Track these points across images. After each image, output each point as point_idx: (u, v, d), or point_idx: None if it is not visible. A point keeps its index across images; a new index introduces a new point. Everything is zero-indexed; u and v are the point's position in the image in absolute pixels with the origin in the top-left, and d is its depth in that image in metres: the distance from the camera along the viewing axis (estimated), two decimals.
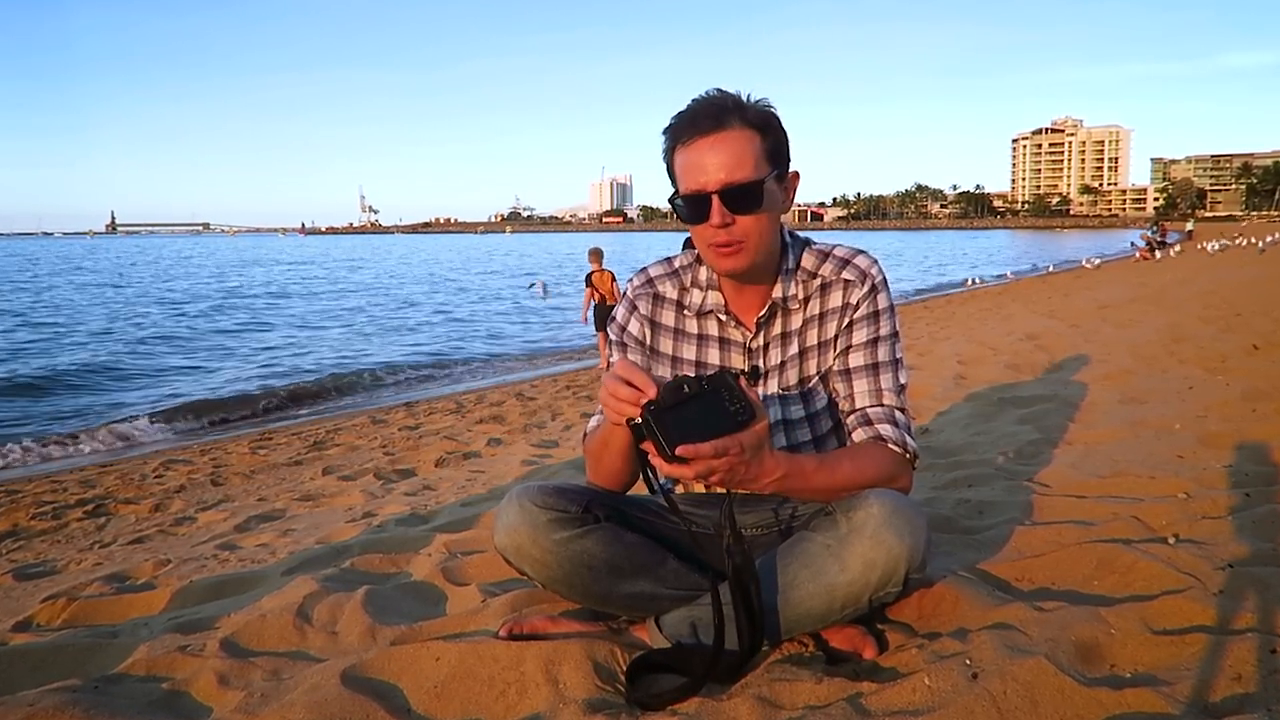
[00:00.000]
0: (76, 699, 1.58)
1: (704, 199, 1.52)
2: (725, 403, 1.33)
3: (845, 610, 1.52)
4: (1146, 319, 7.71)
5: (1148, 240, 28.30)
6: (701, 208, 1.53)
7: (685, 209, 1.56)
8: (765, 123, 1.54)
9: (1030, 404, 4.09)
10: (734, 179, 1.50)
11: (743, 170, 1.50)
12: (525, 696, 1.53)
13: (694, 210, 1.54)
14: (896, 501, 1.49)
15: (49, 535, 4.38)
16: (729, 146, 1.50)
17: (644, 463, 1.38)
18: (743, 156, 1.50)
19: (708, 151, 1.50)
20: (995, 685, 1.34)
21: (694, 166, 1.52)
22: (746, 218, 1.53)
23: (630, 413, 1.33)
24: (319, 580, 2.22)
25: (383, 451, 5.92)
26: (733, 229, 1.53)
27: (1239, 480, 2.43)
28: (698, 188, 1.52)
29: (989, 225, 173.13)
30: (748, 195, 1.51)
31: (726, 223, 1.52)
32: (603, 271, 10.40)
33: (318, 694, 1.55)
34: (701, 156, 1.51)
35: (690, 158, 1.52)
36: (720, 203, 1.51)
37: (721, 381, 1.34)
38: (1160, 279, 14.65)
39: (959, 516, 2.40)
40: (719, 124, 1.50)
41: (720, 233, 1.53)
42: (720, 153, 1.50)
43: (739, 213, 1.52)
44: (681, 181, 1.55)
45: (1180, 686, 1.32)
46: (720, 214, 1.51)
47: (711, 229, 1.54)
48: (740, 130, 1.51)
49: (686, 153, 1.53)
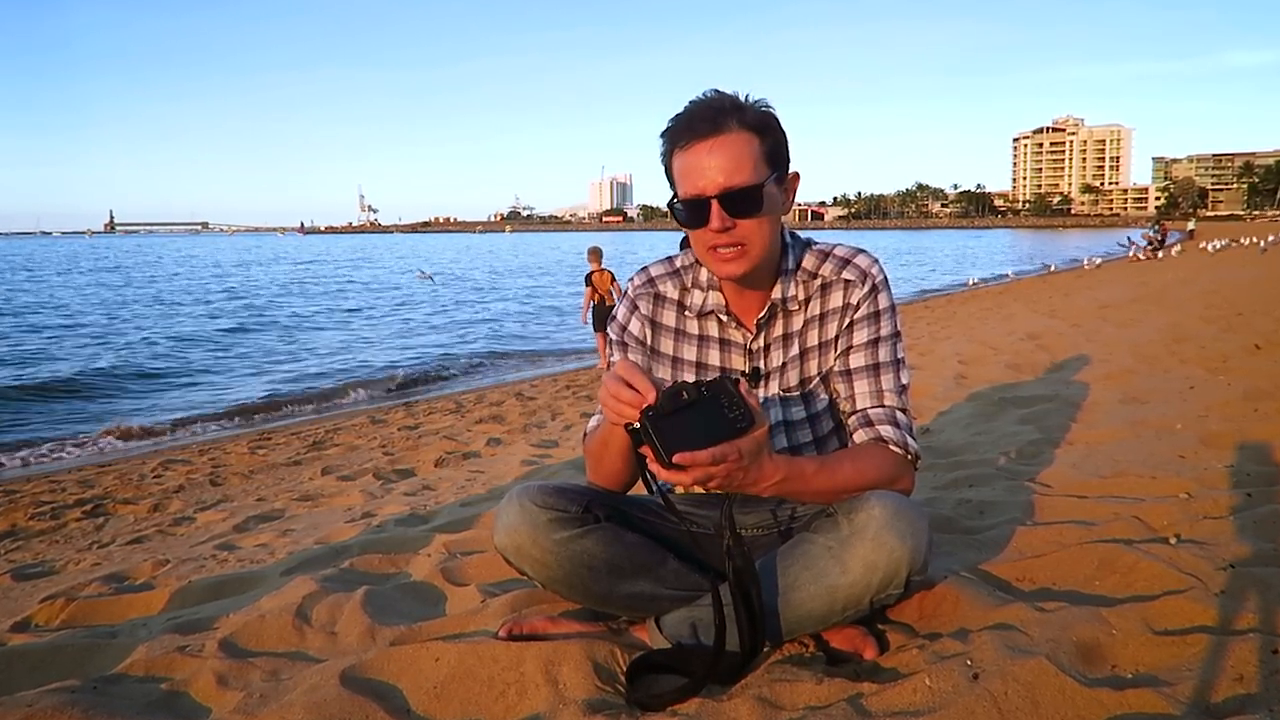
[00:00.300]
0: (75, 699, 1.58)
1: (703, 203, 1.51)
2: (724, 409, 1.33)
3: (846, 612, 1.53)
4: (1148, 319, 7.71)
5: (1149, 239, 28.27)
6: (701, 212, 1.52)
7: (684, 213, 1.55)
8: (764, 125, 1.53)
9: (1031, 404, 4.09)
10: (733, 183, 1.49)
11: (741, 174, 1.49)
12: (525, 697, 1.54)
13: (693, 215, 1.54)
14: (898, 503, 1.49)
15: (47, 535, 4.39)
16: (727, 150, 1.49)
17: (643, 465, 1.38)
18: (741, 160, 1.49)
19: (706, 155, 1.49)
20: (996, 686, 1.35)
21: (692, 171, 1.51)
22: (746, 221, 1.52)
23: (630, 415, 1.33)
24: (318, 580, 2.22)
25: (382, 451, 5.92)
26: (733, 232, 1.52)
27: (1241, 480, 2.43)
28: (696, 192, 1.51)
29: (990, 225, 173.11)
30: (747, 199, 1.51)
31: (726, 227, 1.51)
32: (602, 271, 10.33)
33: (317, 695, 1.55)
34: (700, 160, 1.50)
35: (689, 162, 1.51)
36: (719, 207, 1.50)
37: (721, 387, 1.34)
38: (1161, 278, 14.65)
39: (960, 517, 2.40)
40: (716, 127, 1.49)
41: (720, 236, 1.53)
42: (718, 156, 1.49)
43: (738, 217, 1.51)
44: (680, 185, 1.54)
45: (1182, 687, 1.32)
46: (720, 218, 1.51)
47: (711, 233, 1.53)
48: (738, 133, 1.50)
49: (685, 157, 1.52)
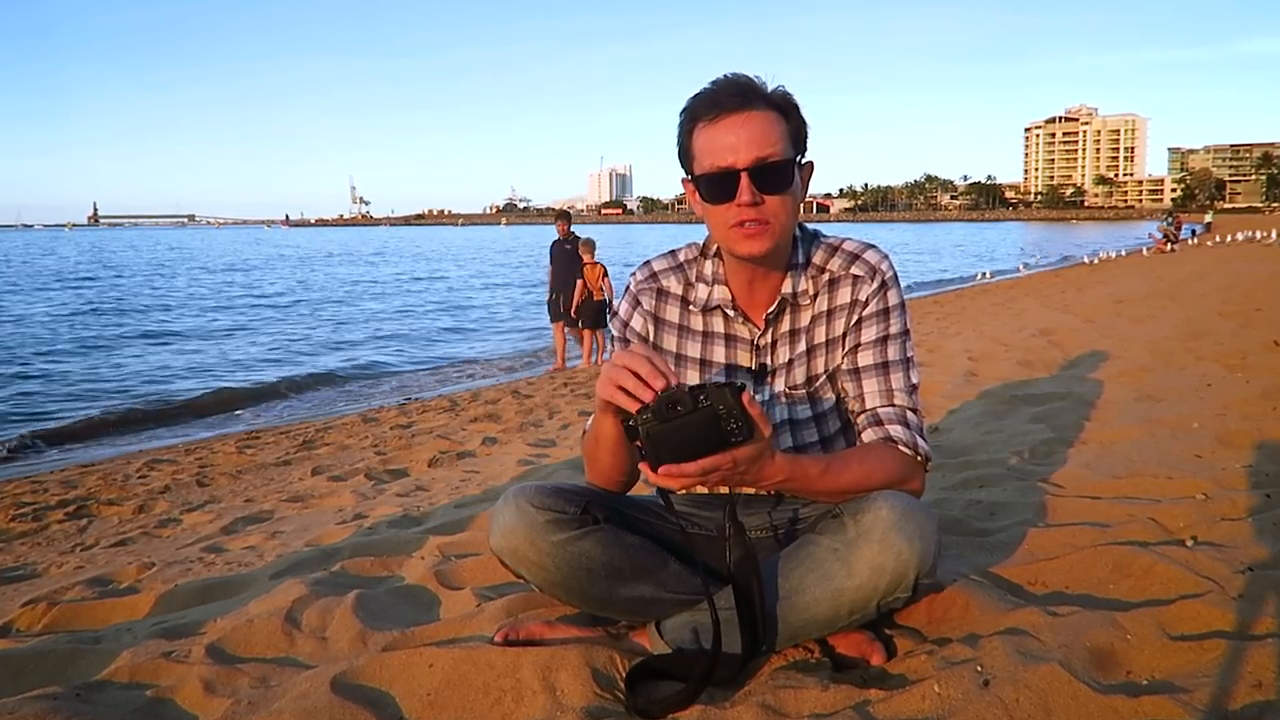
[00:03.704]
0: (58, 706, 1.58)
1: (732, 176, 1.50)
2: (721, 421, 1.32)
3: (853, 616, 1.53)
4: (1163, 314, 7.71)
5: (1165, 232, 28.28)
6: (728, 185, 1.51)
7: (708, 188, 1.54)
8: (788, 106, 1.55)
9: (1043, 402, 4.09)
10: (765, 155, 1.50)
11: (773, 148, 1.50)
12: (522, 704, 1.53)
13: (719, 188, 1.53)
14: (906, 504, 1.49)
15: (29, 537, 4.38)
16: (756, 125, 1.50)
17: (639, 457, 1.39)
18: (771, 135, 1.50)
19: (738, 128, 1.50)
20: (1007, 693, 1.34)
21: (720, 144, 1.51)
22: (775, 198, 1.52)
23: (626, 404, 1.34)
24: (308, 584, 2.22)
25: (374, 451, 5.91)
26: (761, 208, 1.52)
27: (1259, 480, 2.43)
28: (726, 165, 1.50)
29: (1000, 217, 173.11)
30: (779, 173, 1.51)
31: (756, 201, 1.51)
32: (594, 264, 10.05)
33: (307, 702, 1.55)
34: (730, 133, 1.50)
35: (717, 135, 1.51)
36: (749, 180, 1.50)
37: (720, 398, 1.31)
38: (1177, 273, 14.64)
39: (970, 518, 2.40)
40: (746, 102, 1.50)
41: (747, 211, 1.52)
42: (749, 130, 1.49)
43: (768, 192, 1.51)
44: (703, 160, 1.53)
45: (1199, 694, 1.32)
46: (750, 191, 1.50)
47: (737, 208, 1.52)
48: (766, 111, 1.51)
49: (711, 130, 1.51)
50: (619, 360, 1.36)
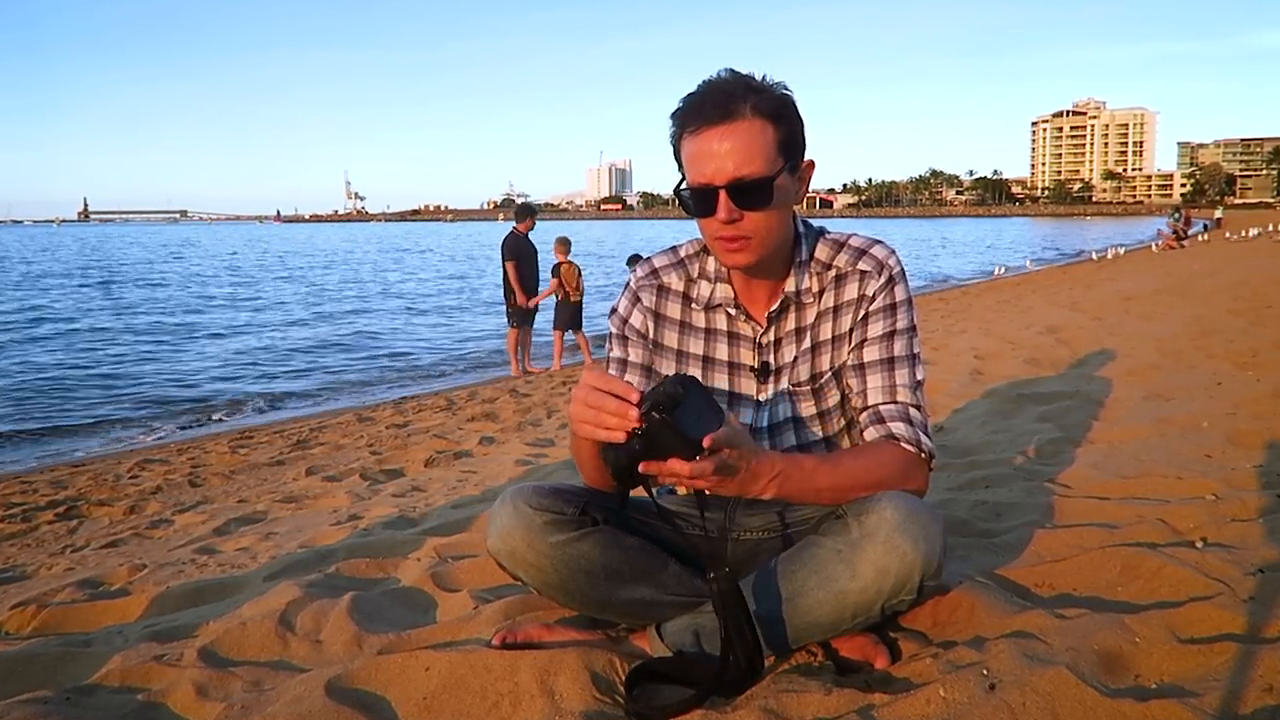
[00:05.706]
0: (48, 710, 1.58)
1: (711, 192, 1.51)
2: (707, 400, 1.37)
3: (856, 619, 1.52)
4: (1172, 311, 7.71)
5: (1174, 228, 28.26)
6: (708, 201, 1.52)
7: (692, 201, 1.55)
8: (779, 111, 1.52)
9: (1051, 401, 4.09)
10: (742, 174, 1.48)
11: (752, 165, 1.48)
12: (519, 708, 1.53)
13: (701, 203, 1.53)
14: (911, 505, 1.49)
15: (18, 538, 4.38)
16: (738, 139, 1.48)
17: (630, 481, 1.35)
18: (752, 149, 1.49)
19: (716, 143, 1.49)
20: (1014, 696, 1.34)
21: (701, 158, 1.50)
22: (754, 214, 1.52)
23: (617, 425, 1.31)
24: (302, 586, 2.22)
25: (369, 450, 5.92)
26: (740, 225, 1.52)
27: (1270, 481, 2.43)
28: (705, 180, 1.51)
29: (1007, 213, 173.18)
30: (757, 192, 1.50)
31: (733, 218, 1.51)
32: (569, 264, 9.79)
33: (301, 706, 1.55)
34: (709, 147, 1.49)
35: (698, 148, 1.51)
36: (727, 198, 1.50)
37: (693, 381, 1.36)
38: (1186, 269, 14.64)
39: (976, 519, 2.40)
40: (728, 114, 1.48)
41: (726, 228, 1.53)
42: (729, 145, 1.48)
43: (747, 209, 1.51)
44: (689, 171, 1.54)
45: (1208, 698, 1.32)
46: (727, 209, 1.50)
47: (718, 223, 1.53)
48: (751, 120, 1.49)
49: (694, 142, 1.51)
50: (590, 384, 1.35)
